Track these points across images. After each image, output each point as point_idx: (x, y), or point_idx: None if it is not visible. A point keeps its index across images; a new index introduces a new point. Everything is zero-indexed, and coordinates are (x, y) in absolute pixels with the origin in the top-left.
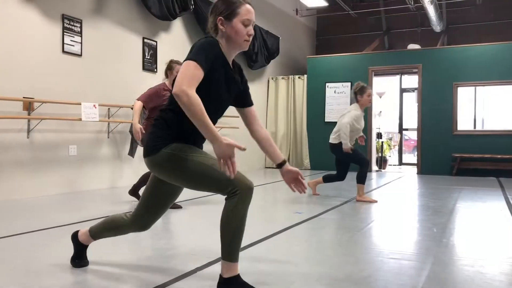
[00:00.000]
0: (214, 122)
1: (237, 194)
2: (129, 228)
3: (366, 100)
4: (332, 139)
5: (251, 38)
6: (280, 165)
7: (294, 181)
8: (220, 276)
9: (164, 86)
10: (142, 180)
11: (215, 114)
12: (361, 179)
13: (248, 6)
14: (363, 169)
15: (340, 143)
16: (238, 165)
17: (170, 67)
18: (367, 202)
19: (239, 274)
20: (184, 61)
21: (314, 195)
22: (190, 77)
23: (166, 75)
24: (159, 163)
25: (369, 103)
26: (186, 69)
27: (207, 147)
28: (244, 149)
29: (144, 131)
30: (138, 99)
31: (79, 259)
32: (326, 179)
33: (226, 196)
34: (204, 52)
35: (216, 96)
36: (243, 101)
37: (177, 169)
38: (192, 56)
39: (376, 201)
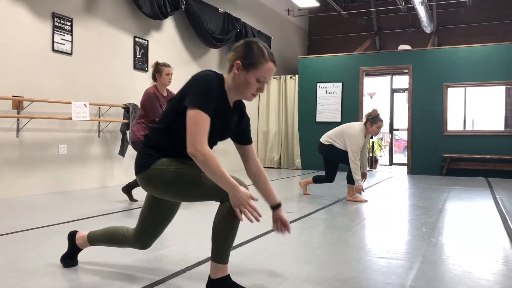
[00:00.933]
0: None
1: (230, 201)
2: (129, 245)
3: (374, 131)
4: (324, 140)
5: (257, 94)
6: (274, 208)
7: (280, 225)
8: (209, 277)
9: (156, 91)
10: (137, 182)
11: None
12: (351, 179)
13: (270, 64)
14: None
15: (331, 145)
16: (231, 165)
17: (158, 70)
18: (357, 202)
19: (228, 274)
20: (189, 106)
21: (304, 194)
22: (202, 132)
23: (154, 78)
24: (150, 180)
25: (375, 134)
26: (196, 122)
27: None
28: (256, 199)
29: (135, 133)
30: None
31: (70, 259)
32: (316, 180)
33: (220, 201)
34: (208, 98)
35: (213, 134)
36: (242, 139)
37: (168, 184)
38: (197, 102)
39: (366, 201)
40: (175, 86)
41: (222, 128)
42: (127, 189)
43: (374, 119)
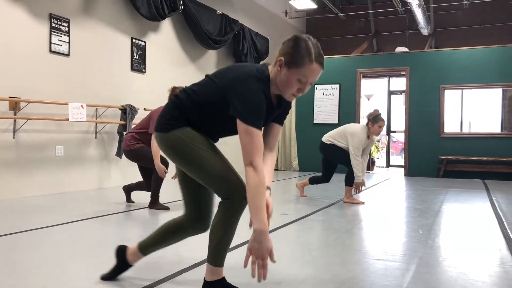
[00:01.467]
0: (218, 138)
1: (230, 202)
2: (189, 234)
3: (376, 130)
4: (326, 139)
5: (299, 95)
6: None
7: None
8: (204, 279)
9: None
10: (137, 185)
11: (223, 132)
12: (349, 181)
13: (315, 66)
14: (351, 171)
15: (332, 144)
16: (228, 156)
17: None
18: (354, 204)
19: (224, 277)
20: (245, 121)
21: (301, 196)
22: (258, 150)
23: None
24: (167, 144)
25: (377, 134)
26: (252, 141)
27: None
28: (274, 262)
29: (127, 142)
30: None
31: (113, 276)
32: (312, 181)
33: (220, 199)
34: (260, 113)
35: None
36: (276, 119)
37: (183, 157)
38: (249, 120)
39: (363, 203)
40: None
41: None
42: (127, 190)
43: (375, 118)
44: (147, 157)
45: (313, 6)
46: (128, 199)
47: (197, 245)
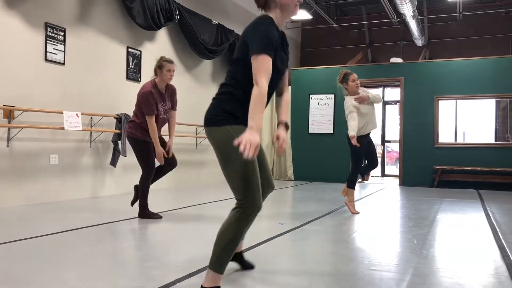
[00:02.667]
0: (272, 94)
1: (243, 209)
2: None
3: (353, 86)
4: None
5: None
6: (279, 124)
7: (276, 141)
8: (201, 286)
9: (152, 87)
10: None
11: (276, 85)
12: (350, 182)
13: None
14: (353, 171)
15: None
16: (218, 176)
17: (160, 66)
18: (350, 213)
19: (219, 287)
20: (253, 52)
21: (353, 213)
22: (267, 73)
23: (156, 73)
24: (215, 138)
25: (356, 87)
26: (263, 64)
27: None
28: (255, 158)
29: (131, 130)
30: (150, 117)
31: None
32: (352, 183)
33: (235, 203)
34: (270, 41)
35: (277, 70)
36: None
37: (226, 153)
38: (261, 47)
39: (358, 213)
40: None
41: (282, 67)
42: (135, 198)
43: (344, 77)
44: (139, 151)
45: (309, 16)
46: (134, 201)
47: (191, 255)
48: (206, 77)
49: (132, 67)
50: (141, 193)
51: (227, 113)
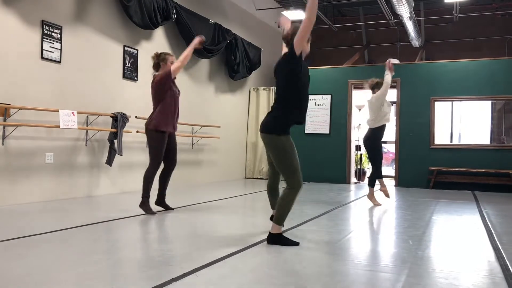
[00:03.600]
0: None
1: (292, 189)
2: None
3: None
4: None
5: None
6: None
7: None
8: (269, 232)
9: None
10: (161, 184)
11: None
12: (371, 181)
13: None
14: (374, 172)
15: (372, 133)
16: (220, 175)
17: (164, 59)
18: (375, 204)
19: (281, 232)
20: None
21: (376, 205)
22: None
23: (157, 67)
24: (274, 142)
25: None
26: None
27: None
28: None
29: (153, 122)
30: (171, 68)
31: (288, 243)
32: (372, 182)
33: (287, 185)
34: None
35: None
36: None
37: (280, 154)
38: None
39: (380, 204)
40: None
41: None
42: (160, 201)
43: (377, 84)
44: (152, 145)
45: None
46: (167, 207)
47: (186, 254)
48: (203, 77)
49: (129, 66)
50: (144, 184)
51: (284, 124)
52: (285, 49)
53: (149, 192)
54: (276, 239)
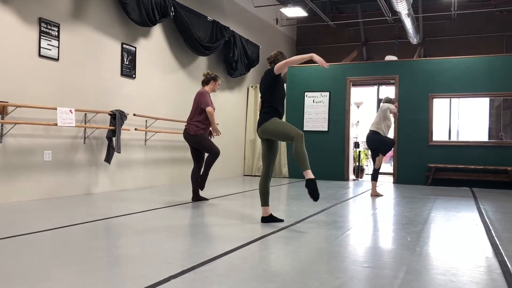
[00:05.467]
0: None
1: (296, 140)
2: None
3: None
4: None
5: None
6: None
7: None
8: (305, 179)
9: (206, 91)
10: (194, 182)
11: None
12: (375, 176)
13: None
14: (377, 169)
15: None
16: (219, 172)
17: (215, 78)
18: (378, 196)
19: (313, 178)
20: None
21: (376, 196)
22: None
23: (206, 83)
24: (268, 124)
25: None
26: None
27: None
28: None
29: (194, 129)
30: (209, 107)
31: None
32: (375, 178)
33: (292, 141)
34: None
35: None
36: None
37: (275, 126)
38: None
39: (382, 195)
40: (165, 94)
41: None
42: (196, 194)
43: (391, 101)
44: (206, 143)
45: (304, 14)
46: (201, 197)
47: (185, 252)
48: (200, 74)
49: (127, 63)
50: (205, 174)
51: (271, 114)
52: (268, 66)
53: (206, 177)
54: (312, 183)
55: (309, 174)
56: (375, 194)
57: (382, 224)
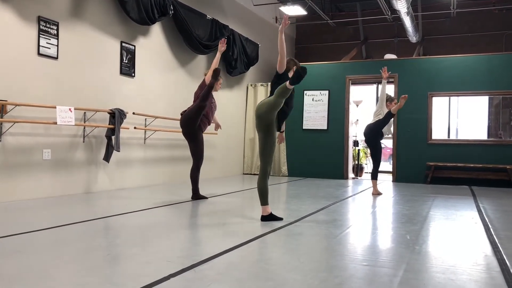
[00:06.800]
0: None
1: (265, 174)
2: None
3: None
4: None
5: None
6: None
7: (280, 139)
8: (261, 215)
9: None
10: (193, 180)
11: (290, 106)
12: (375, 175)
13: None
14: (375, 166)
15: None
16: (218, 171)
17: (216, 77)
18: (378, 195)
19: (271, 211)
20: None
21: (377, 194)
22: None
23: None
24: (263, 110)
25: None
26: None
27: None
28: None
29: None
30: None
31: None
32: (375, 176)
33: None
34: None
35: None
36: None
37: (269, 130)
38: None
39: (381, 193)
40: (164, 93)
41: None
42: (196, 196)
43: (390, 99)
44: (198, 140)
45: (303, 12)
46: (202, 197)
47: (184, 250)
48: (200, 73)
49: (126, 62)
50: (196, 182)
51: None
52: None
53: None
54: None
55: (268, 210)
56: (376, 193)
57: (381, 222)
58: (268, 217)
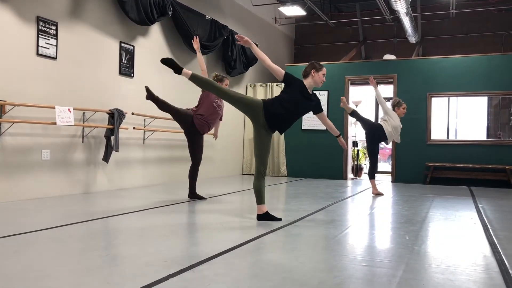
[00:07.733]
0: (293, 120)
1: (261, 175)
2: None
3: (402, 112)
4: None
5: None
6: (337, 136)
7: (341, 144)
8: (257, 214)
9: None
10: (191, 178)
11: (292, 111)
12: (372, 175)
13: (324, 68)
14: (371, 166)
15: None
16: (217, 171)
17: (222, 79)
18: (379, 195)
19: (267, 210)
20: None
21: (378, 194)
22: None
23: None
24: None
25: (403, 114)
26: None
27: None
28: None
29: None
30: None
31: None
32: (372, 176)
33: (255, 171)
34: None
35: (291, 98)
36: (315, 110)
37: (262, 137)
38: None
39: (382, 194)
40: (163, 92)
41: (301, 98)
42: (192, 193)
43: (398, 103)
44: (198, 144)
45: (302, 13)
46: (199, 197)
47: (183, 251)
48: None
49: (125, 62)
50: (193, 184)
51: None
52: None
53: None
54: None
55: (264, 209)
56: (376, 193)
57: (380, 222)
58: (264, 216)
